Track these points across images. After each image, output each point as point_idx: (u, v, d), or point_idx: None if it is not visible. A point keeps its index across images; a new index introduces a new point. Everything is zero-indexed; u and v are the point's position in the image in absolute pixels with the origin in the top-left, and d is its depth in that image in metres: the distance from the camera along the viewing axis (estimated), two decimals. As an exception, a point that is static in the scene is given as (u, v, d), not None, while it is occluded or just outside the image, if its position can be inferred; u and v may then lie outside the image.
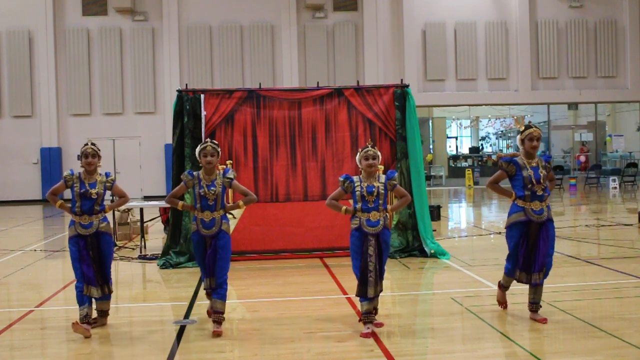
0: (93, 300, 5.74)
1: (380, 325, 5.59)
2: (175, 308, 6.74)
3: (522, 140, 5.66)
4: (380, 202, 5.45)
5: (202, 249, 5.60)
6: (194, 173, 5.62)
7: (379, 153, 5.55)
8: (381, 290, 5.52)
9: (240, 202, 5.65)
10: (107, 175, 5.88)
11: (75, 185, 5.70)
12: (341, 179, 5.58)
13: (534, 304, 5.73)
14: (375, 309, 5.56)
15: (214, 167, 5.57)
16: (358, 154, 5.59)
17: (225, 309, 5.59)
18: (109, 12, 23.11)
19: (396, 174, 5.65)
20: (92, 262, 5.64)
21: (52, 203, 5.86)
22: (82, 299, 5.61)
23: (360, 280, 5.40)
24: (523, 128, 5.68)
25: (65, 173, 5.81)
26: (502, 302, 6.08)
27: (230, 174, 5.60)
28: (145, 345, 5.40)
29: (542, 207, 5.61)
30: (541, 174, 5.60)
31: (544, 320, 5.59)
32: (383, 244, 5.46)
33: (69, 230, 5.74)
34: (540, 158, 5.71)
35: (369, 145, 5.54)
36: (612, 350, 4.78)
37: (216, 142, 5.62)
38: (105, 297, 5.81)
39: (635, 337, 5.13)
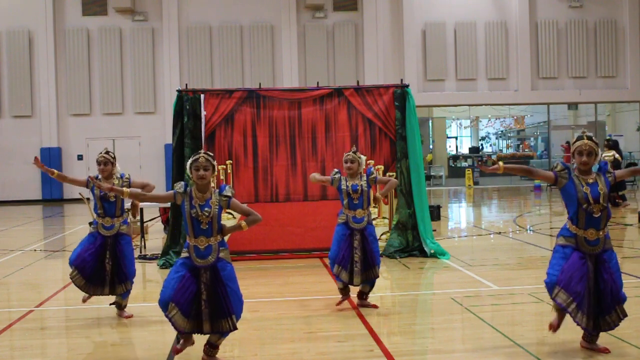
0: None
1: (375, 306, 6.28)
2: (175, 308, 6.71)
3: (573, 154, 4.77)
4: (365, 198, 6.14)
5: (193, 284, 4.62)
6: (188, 188, 4.66)
7: (359, 157, 6.26)
8: (376, 277, 6.18)
9: (243, 223, 4.72)
10: (121, 176, 6.21)
11: (95, 189, 5.98)
12: (335, 170, 6.32)
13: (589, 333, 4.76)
14: (366, 294, 6.32)
15: (208, 183, 4.65)
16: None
17: None
18: (109, 12, 23.10)
19: (373, 169, 6.42)
20: (110, 261, 5.95)
21: (58, 178, 6.10)
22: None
23: (339, 264, 6.10)
24: (575, 139, 4.81)
25: (91, 174, 6.14)
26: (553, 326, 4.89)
27: (228, 192, 4.67)
28: (145, 345, 5.40)
29: (599, 237, 4.63)
30: (601, 192, 4.60)
31: (605, 350, 4.73)
32: (369, 236, 6.17)
33: (91, 228, 6.13)
34: (598, 174, 4.70)
35: (351, 151, 6.26)
36: (612, 350, 4.77)
37: (211, 154, 4.71)
38: (125, 295, 6.12)
39: (635, 337, 5.13)
